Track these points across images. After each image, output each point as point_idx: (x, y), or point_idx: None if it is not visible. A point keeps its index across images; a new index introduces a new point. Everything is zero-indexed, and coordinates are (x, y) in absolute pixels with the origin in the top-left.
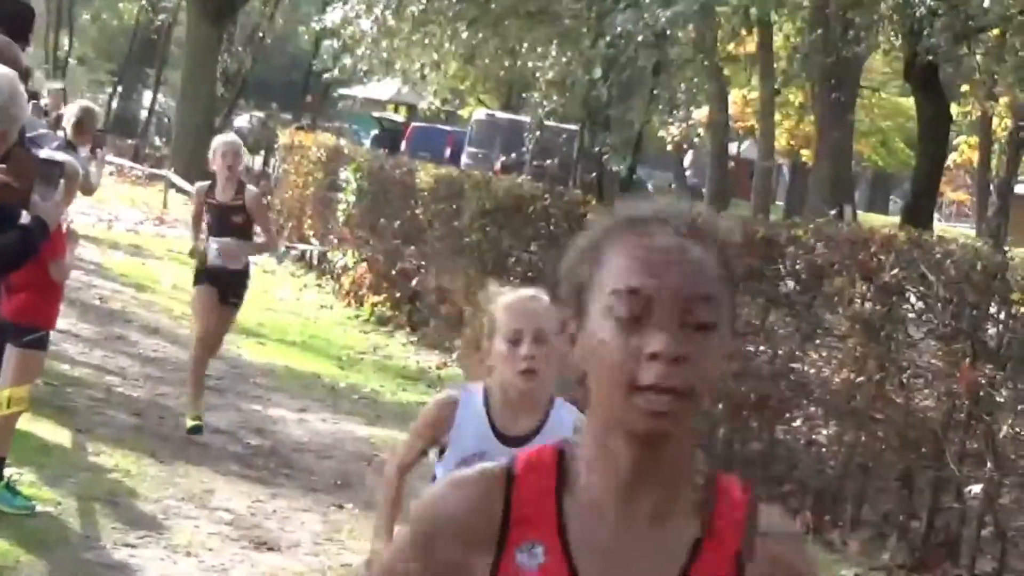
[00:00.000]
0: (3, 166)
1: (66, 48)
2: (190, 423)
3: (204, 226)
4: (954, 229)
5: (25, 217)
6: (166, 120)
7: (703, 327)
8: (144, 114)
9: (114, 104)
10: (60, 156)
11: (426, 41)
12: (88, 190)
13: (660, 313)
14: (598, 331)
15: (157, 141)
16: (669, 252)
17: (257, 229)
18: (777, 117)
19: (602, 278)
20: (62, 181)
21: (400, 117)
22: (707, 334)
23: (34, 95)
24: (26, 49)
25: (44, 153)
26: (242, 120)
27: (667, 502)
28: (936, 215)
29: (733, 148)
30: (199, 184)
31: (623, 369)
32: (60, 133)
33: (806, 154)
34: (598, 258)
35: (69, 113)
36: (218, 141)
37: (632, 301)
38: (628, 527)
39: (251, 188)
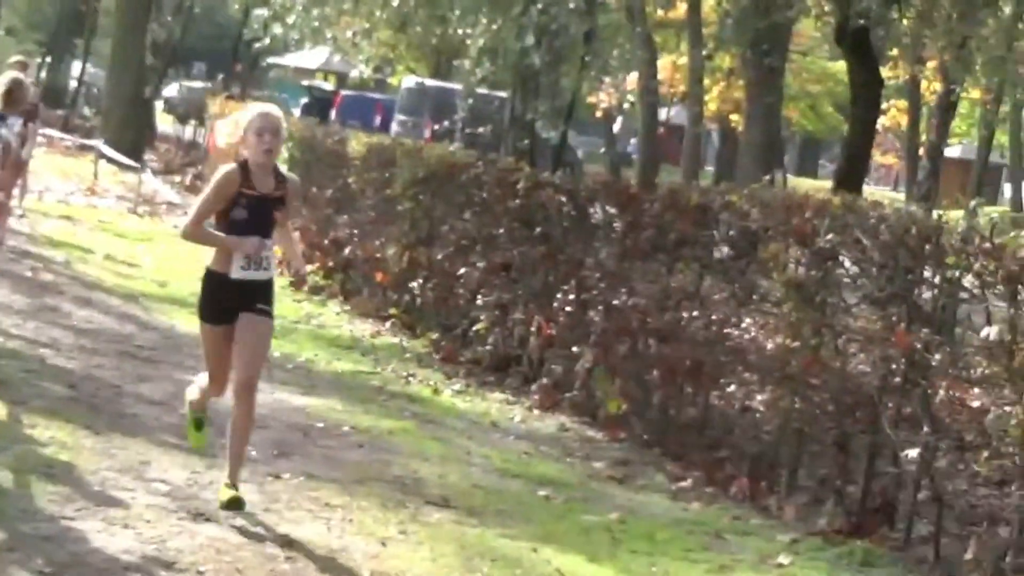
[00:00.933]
0: None
1: None
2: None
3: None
4: (883, 193)
5: None
6: (95, 90)
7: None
8: (73, 84)
9: (43, 75)
10: None
11: (357, 9)
12: (19, 165)
13: None
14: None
15: (87, 111)
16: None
17: None
18: (707, 82)
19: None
20: None
21: (330, 86)
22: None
23: None
24: None
25: None
26: (171, 89)
27: None
28: (866, 179)
29: (663, 114)
30: (227, 168)
31: None
32: None
33: (736, 119)
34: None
35: None
36: (253, 112)
37: None
38: None
39: (292, 177)
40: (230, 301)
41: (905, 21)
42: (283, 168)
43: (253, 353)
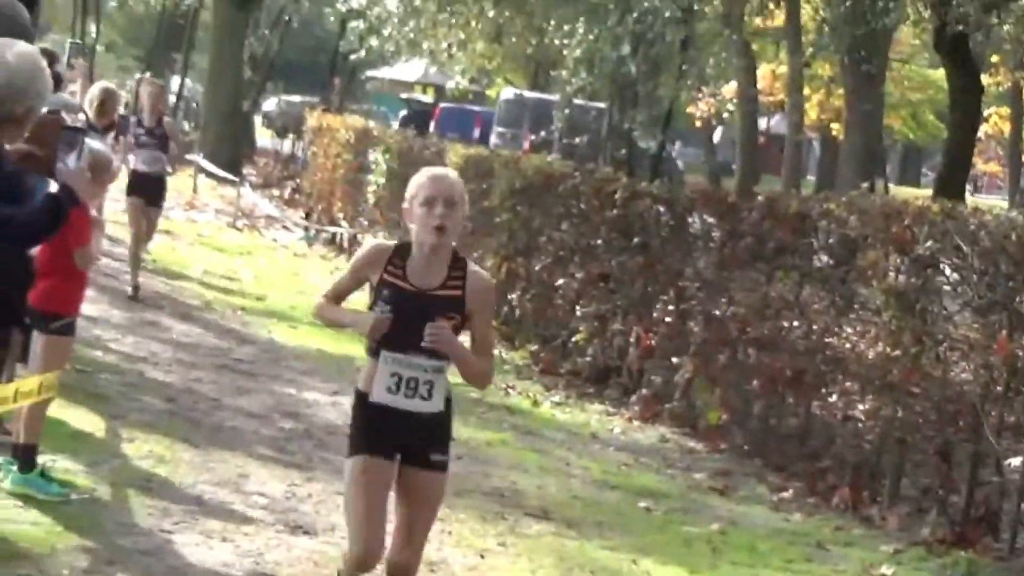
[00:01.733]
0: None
1: (93, 35)
2: None
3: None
4: (986, 200)
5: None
6: (194, 105)
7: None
8: (172, 99)
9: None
10: (95, 144)
11: (453, 20)
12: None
13: None
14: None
15: (185, 126)
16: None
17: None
18: (806, 91)
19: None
20: (86, 145)
21: (428, 98)
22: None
23: (58, 78)
24: (47, 34)
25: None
26: (270, 104)
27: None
28: (968, 187)
29: (763, 123)
30: (373, 244)
31: None
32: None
33: (836, 128)
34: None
35: (91, 94)
36: (422, 175)
37: None
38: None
39: (481, 274)
40: (385, 434)
41: (1005, 27)
42: (380, 181)
43: (412, 528)
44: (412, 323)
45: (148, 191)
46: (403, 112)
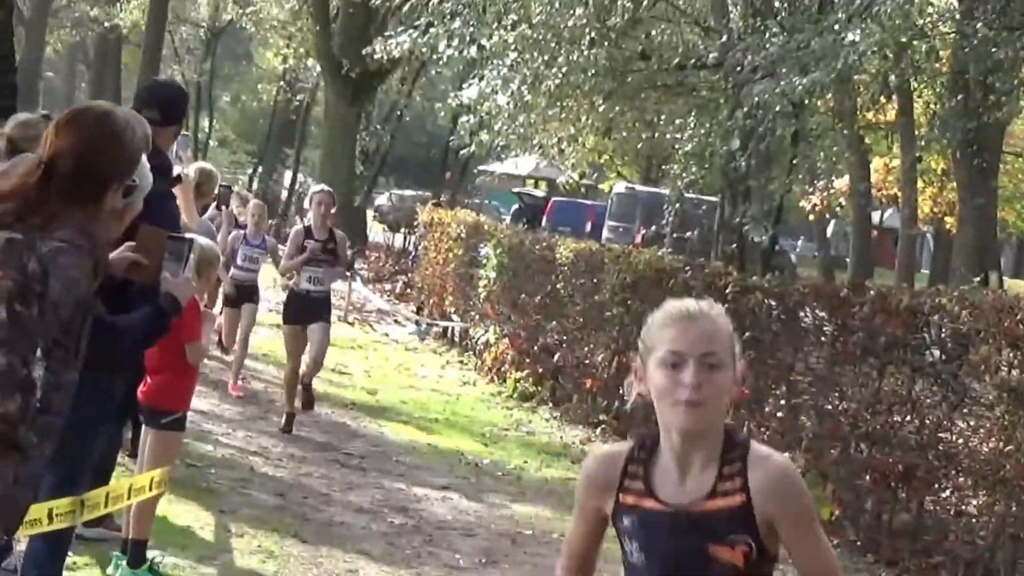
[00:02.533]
0: (132, 243)
1: (207, 130)
2: None
3: None
4: None
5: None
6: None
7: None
8: (284, 193)
9: (255, 184)
10: (202, 240)
11: (563, 115)
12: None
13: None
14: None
15: (298, 221)
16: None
17: None
18: (919, 184)
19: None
20: (192, 256)
21: (541, 192)
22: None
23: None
24: (179, 134)
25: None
26: (382, 198)
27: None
28: None
29: (876, 216)
30: (604, 451)
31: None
32: None
33: (950, 221)
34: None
35: (187, 177)
36: (662, 314)
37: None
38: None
39: (767, 455)
40: None
41: None
42: (491, 275)
43: None
44: (680, 564)
45: (310, 311)
46: (515, 206)
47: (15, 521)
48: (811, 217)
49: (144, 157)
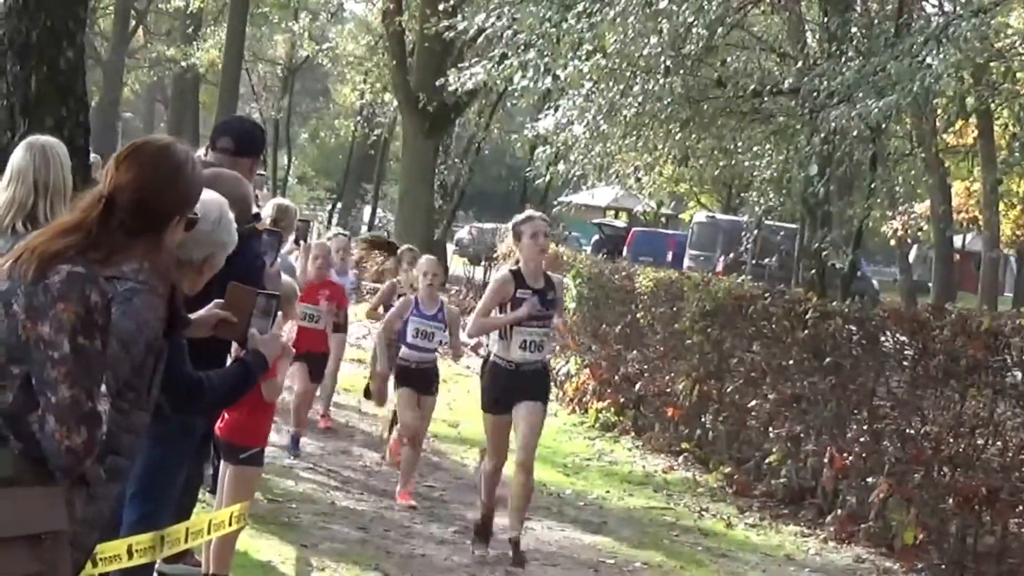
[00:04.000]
0: (221, 301)
1: (286, 167)
2: None
3: None
4: None
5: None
6: (386, 234)
7: None
8: (364, 229)
9: (334, 220)
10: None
11: (639, 144)
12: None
13: None
14: None
15: (378, 256)
16: None
17: None
18: (1001, 207)
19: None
20: (280, 313)
21: (621, 223)
22: None
23: (256, 215)
24: (255, 170)
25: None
26: (462, 231)
27: None
28: None
29: (958, 240)
30: None
31: None
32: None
33: None
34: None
35: (264, 214)
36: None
37: None
38: None
39: None
40: None
41: None
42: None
43: None
44: None
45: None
46: (595, 237)
47: (79, 560)
48: (892, 242)
49: (232, 217)
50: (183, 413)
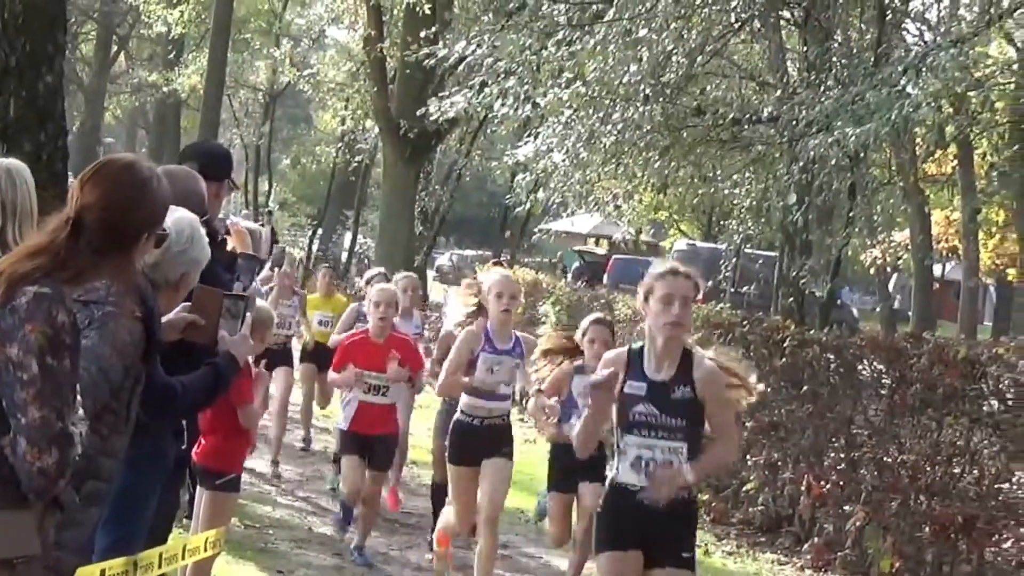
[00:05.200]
0: (188, 304)
1: (267, 193)
2: None
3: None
4: None
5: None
6: (366, 260)
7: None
8: (344, 255)
9: (315, 246)
10: (258, 302)
11: (619, 172)
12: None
13: None
14: None
15: (359, 281)
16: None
17: None
18: (980, 236)
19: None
20: (248, 314)
21: (601, 250)
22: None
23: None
24: (223, 196)
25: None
26: (443, 258)
27: None
28: None
29: (938, 269)
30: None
31: None
32: None
33: (1012, 273)
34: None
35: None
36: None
37: None
38: None
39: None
40: None
41: None
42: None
43: None
44: None
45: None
46: (576, 264)
47: None
48: (872, 271)
49: (204, 232)
50: (158, 419)
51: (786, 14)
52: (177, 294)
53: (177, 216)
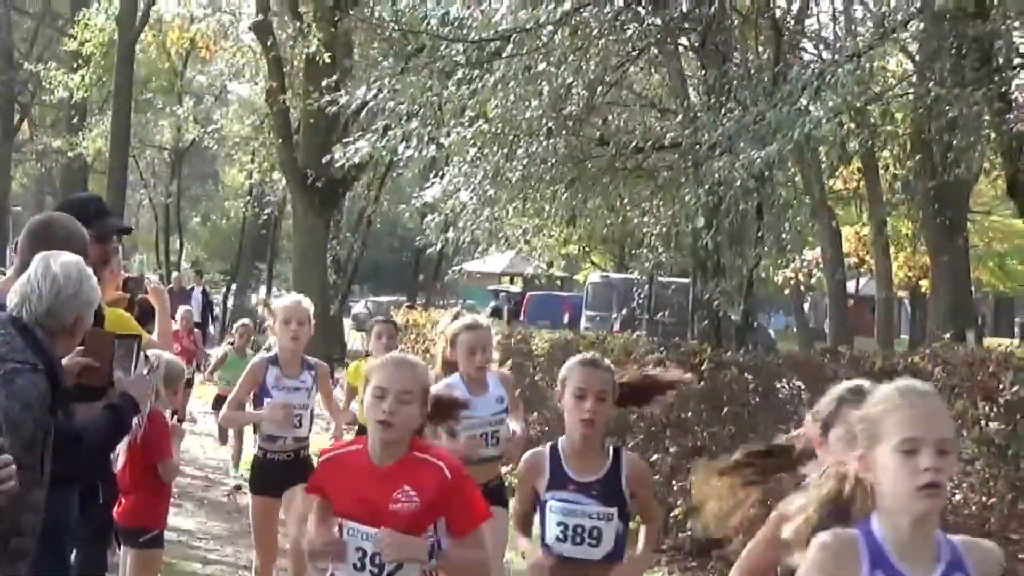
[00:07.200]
0: (82, 348)
1: (178, 252)
2: None
3: None
4: None
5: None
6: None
7: None
8: (260, 309)
9: (230, 302)
10: (167, 355)
11: (527, 207)
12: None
13: None
14: None
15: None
16: None
17: None
18: (892, 250)
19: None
20: (143, 355)
21: (517, 288)
22: None
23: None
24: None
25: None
26: (359, 306)
27: None
28: None
29: (852, 285)
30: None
31: None
32: None
33: (925, 284)
34: None
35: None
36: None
37: None
38: None
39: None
40: None
41: None
42: None
43: None
44: None
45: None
46: (492, 303)
47: None
48: (786, 291)
49: (91, 272)
50: (65, 468)
51: (683, 40)
52: (73, 338)
53: (63, 260)
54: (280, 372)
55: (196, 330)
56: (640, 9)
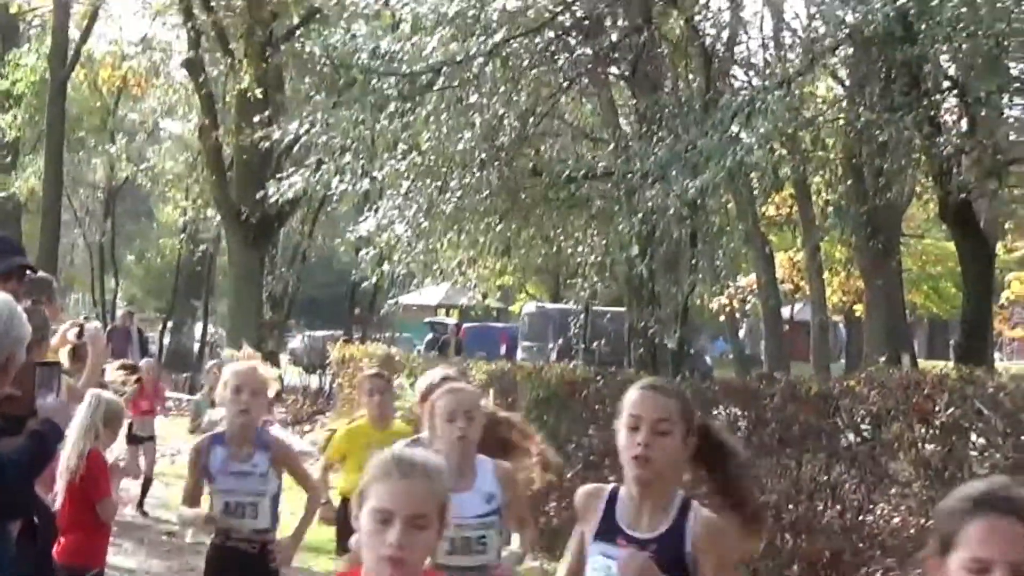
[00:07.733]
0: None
1: (113, 291)
2: None
3: None
4: (1019, 366)
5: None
6: (219, 349)
7: None
8: (197, 346)
9: (166, 340)
10: (107, 395)
11: (461, 239)
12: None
13: None
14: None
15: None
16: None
17: None
18: (826, 274)
19: None
20: (61, 380)
21: (452, 320)
22: None
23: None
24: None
25: None
26: (295, 341)
27: None
28: (998, 354)
29: (787, 311)
30: None
31: None
32: None
33: (859, 308)
34: None
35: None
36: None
37: None
38: None
39: None
40: None
41: (1013, 191)
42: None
43: None
44: None
45: None
46: (428, 336)
47: None
48: (721, 317)
49: (19, 309)
50: None
51: (614, 69)
52: (6, 376)
53: None
54: (228, 454)
55: (160, 383)
56: (571, 39)
